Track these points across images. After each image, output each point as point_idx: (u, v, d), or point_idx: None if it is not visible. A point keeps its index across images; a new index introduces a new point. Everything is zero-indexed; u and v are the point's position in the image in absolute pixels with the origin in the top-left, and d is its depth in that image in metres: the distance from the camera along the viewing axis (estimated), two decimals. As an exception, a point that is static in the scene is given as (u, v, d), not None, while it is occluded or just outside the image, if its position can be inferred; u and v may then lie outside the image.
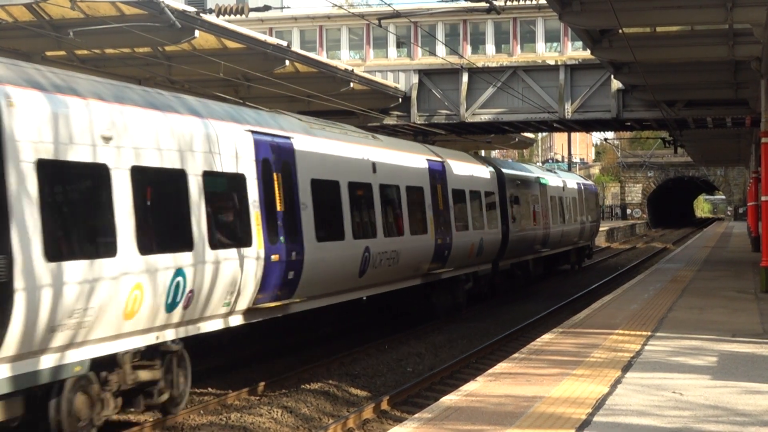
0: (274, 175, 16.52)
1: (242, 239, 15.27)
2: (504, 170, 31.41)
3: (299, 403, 15.72)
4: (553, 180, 38.66)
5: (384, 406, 15.64)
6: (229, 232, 15.22)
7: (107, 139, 12.40)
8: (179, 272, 13.48)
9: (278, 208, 16.54)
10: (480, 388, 12.00)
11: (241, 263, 15.06)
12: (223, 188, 15.27)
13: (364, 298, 20.79)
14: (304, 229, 17.30)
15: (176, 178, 13.78)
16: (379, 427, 14.73)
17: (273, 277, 16.16)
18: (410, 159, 23.37)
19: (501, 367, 13.62)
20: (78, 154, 11.87)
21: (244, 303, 15.39)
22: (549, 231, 36.16)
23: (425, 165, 24.03)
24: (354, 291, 20.10)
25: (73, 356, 11.80)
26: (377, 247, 20.50)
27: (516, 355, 14.66)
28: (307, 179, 17.73)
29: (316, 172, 18.13)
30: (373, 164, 21.00)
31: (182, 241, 13.75)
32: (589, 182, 51.80)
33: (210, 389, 16.87)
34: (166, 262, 13.25)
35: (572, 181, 43.93)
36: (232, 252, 14.87)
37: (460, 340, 23.06)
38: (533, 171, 36.83)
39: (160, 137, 13.52)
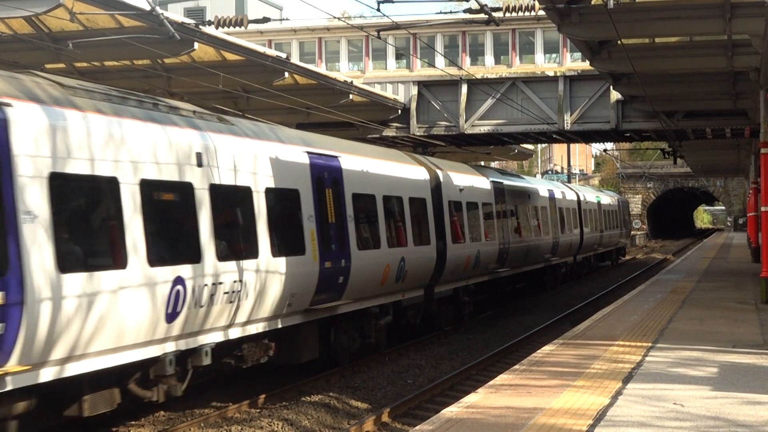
0: (500, 204, 30.72)
1: (491, 236, 28.83)
2: (579, 193, 46.30)
3: (300, 416, 15.69)
4: (604, 198, 53.93)
5: (385, 418, 15.62)
6: (477, 232, 27.71)
7: None
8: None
9: (496, 219, 30.05)
10: (481, 400, 11.98)
11: (490, 248, 28.74)
12: (475, 209, 27.95)
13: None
14: (508, 229, 31.17)
15: (476, 207, 28.00)
16: (379, 440, 14.71)
17: (501, 254, 29.97)
18: (545, 189, 38.92)
19: (502, 378, 13.60)
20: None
21: (491, 268, 29.03)
22: (603, 235, 51.20)
23: (547, 194, 38.53)
24: (522, 266, 33.39)
25: None
26: (533, 243, 34.53)
27: (517, 366, 14.65)
28: (515, 205, 32.55)
29: (516, 201, 33.08)
30: (528, 193, 35.40)
31: (478, 237, 27.66)
32: (623, 197, 68.43)
33: (211, 402, 16.84)
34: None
35: (614, 197, 59.49)
36: (490, 243, 28.57)
37: (461, 351, 23.04)
38: (593, 191, 53.05)
39: (474, 185, 28.58)
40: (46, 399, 12.01)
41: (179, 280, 13.48)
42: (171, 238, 14.15)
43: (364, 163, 20.56)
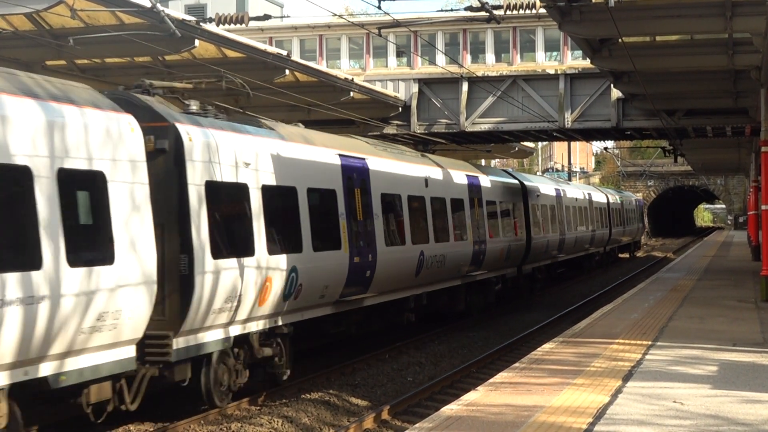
0: (559, 205, 39.67)
1: (555, 229, 37.88)
2: (608, 195, 55.23)
3: (299, 413, 15.70)
4: (625, 199, 63.56)
5: (384, 415, 15.62)
6: (547, 227, 36.48)
7: None
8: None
9: (557, 216, 38.93)
10: (480, 398, 11.99)
11: (555, 238, 37.86)
12: (546, 209, 37.03)
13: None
14: (564, 224, 39.87)
15: (546, 207, 37.27)
16: (379, 437, 14.71)
17: (560, 243, 38.67)
18: (586, 192, 47.64)
19: (502, 376, 13.61)
20: None
21: (553, 254, 37.65)
22: (625, 230, 60.31)
23: (587, 196, 47.12)
24: (572, 253, 42.45)
25: None
26: (579, 235, 43.15)
27: (517, 364, 14.65)
28: (569, 206, 41.87)
29: (569, 202, 42.04)
30: (576, 197, 43.80)
31: (548, 230, 36.62)
32: (640, 198, 78.90)
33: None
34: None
35: (632, 198, 69.68)
36: (554, 234, 37.31)
37: (461, 349, 23.05)
38: (617, 193, 62.73)
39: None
40: (366, 315, 20.97)
41: (422, 253, 22.80)
42: (418, 228, 22.95)
43: (490, 180, 29.80)
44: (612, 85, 33.09)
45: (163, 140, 13.88)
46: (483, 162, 62.26)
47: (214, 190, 14.61)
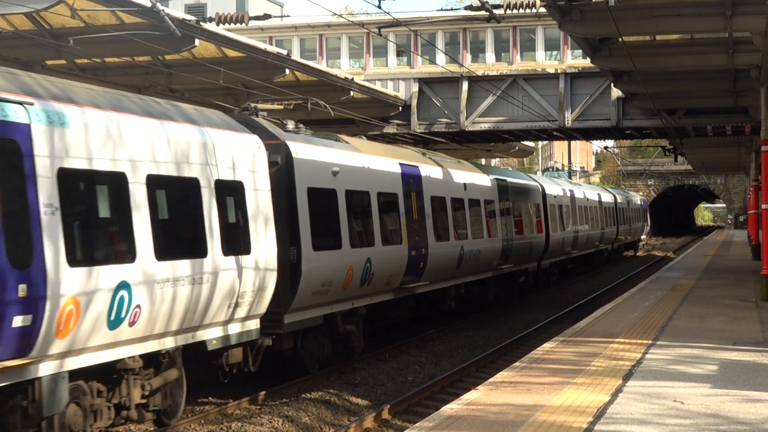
0: (572, 205, 42.72)
1: (569, 228, 40.17)
2: (617, 196, 59.16)
3: (300, 413, 15.70)
4: (631, 198, 66.94)
5: (385, 415, 15.62)
6: (562, 225, 39.39)
7: None
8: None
9: (571, 215, 41.86)
10: (481, 397, 11.99)
11: (569, 235, 40.92)
12: (560, 209, 39.58)
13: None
14: (577, 222, 42.75)
15: (562, 208, 40.20)
16: (379, 436, 14.70)
17: (574, 240, 41.65)
18: (595, 193, 50.74)
19: (502, 375, 13.61)
20: None
21: (567, 250, 40.76)
22: (631, 228, 63.50)
23: (596, 197, 50.15)
24: (584, 250, 45.32)
25: None
26: (590, 233, 45.97)
27: (517, 363, 14.65)
28: (581, 206, 44.70)
29: (581, 203, 45.22)
30: (587, 197, 46.88)
31: (563, 228, 40.00)
32: (644, 198, 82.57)
33: (210, 398, 16.85)
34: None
35: (638, 198, 73.05)
36: (568, 232, 40.38)
37: (461, 348, 23.05)
38: (624, 193, 65.90)
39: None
40: (417, 302, 24.10)
41: (462, 248, 25.67)
42: (459, 226, 25.85)
43: (515, 183, 32.68)
44: (612, 84, 33.08)
45: (276, 155, 17.04)
46: (483, 161, 62.29)
47: (314, 194, 17.82)
